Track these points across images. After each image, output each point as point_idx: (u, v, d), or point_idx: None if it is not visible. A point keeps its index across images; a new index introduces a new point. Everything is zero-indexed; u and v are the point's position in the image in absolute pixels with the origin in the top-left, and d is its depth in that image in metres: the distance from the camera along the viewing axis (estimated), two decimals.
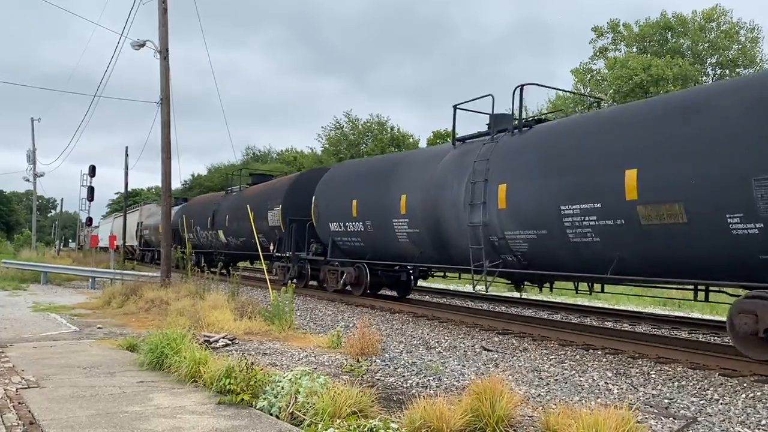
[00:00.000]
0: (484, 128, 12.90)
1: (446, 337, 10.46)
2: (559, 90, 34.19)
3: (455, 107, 13.22)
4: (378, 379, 6.99)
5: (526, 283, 12.42)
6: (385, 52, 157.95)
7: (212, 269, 14.89)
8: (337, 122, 53.68)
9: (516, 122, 11.68)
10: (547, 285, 12.30)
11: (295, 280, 18.59)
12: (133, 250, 43.00)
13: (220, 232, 24.80)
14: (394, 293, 17.46)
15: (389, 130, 51.42)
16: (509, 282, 12.64)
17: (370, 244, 15.03)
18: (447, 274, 16.35)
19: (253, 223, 20.20)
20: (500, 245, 11.02)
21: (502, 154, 11.20)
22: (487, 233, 11.11)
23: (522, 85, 11.57)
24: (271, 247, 19.92)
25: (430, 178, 12.78)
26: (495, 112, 12.38)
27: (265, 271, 17.13)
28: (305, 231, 18.05)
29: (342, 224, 15.85)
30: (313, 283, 19.02)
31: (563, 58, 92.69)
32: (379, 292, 17.22)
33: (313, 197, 17.28)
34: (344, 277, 16.16)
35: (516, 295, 19.96)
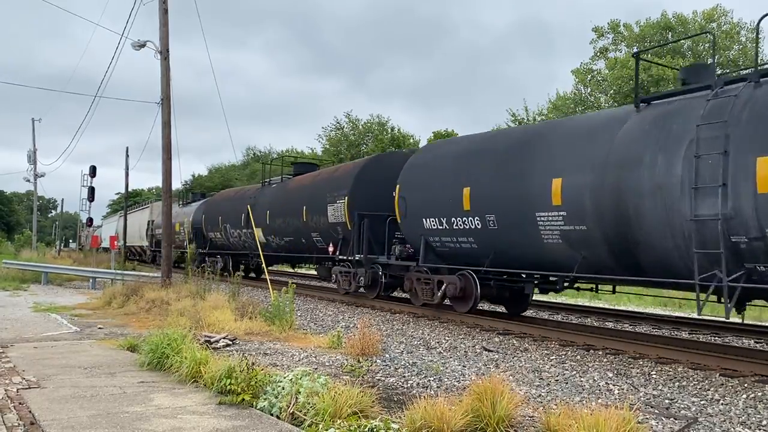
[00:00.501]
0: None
1: (447, 338, 10.46)
2: None
3: (637, 56, 10.53)
4: (379, 380, 7.00)
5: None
6: (385, 53, 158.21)
7: (236, 273, 13.29)
8: (338, 123, 53.78)
9: (757, 68, 8.36)
10: None
11: (362, 289, 15.88)
12: (141, 251, 40.89)
13: (258, 231, 20.84)
14: (497, 308, 14.56)
15: (390, 130, 51.49)
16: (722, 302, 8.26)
17: (491, 246, 11.61)
18: (601, 287, 11.89)
19: (306, 220, 17.66)
20: (749, 249, 7.63)
21: (756, 111, 7.73)
22: (727, 231, 7.69)
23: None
24: (331, 249, 16.92)
25: (606, 153, 9.41)
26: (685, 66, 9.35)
27: (266, 270, 17.08)
28: (383, 229, 14.89)
29: (444, 220, 12.46)
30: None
31: (563, 58, 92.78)
32: (480, 307, 13.68)
33: (397, 186, 13.94)
34: (444, 288, 12.61)
35: None
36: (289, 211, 19.05)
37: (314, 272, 25.03)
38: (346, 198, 15.89)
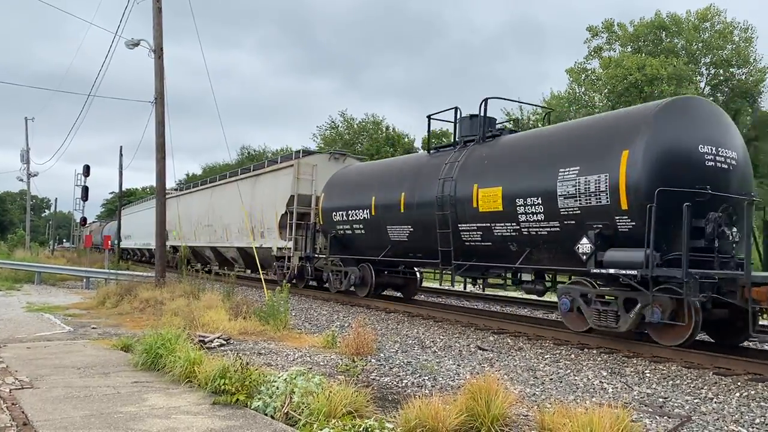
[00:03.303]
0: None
1: (441, 337, 10.47)
2: None
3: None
4: (373, 379, 6.99)
5: None
6: (378, 52, 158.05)
7: None
8: (332, 122, 53.76)
9: None
10: None
11: None
12: (271, 258, 19.41)
13: None
14: None
15: (384, 129, 51.50)
16: None
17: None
18: None
19: None
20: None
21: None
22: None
23: None
24: None
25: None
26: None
27: (261, 277, 16.92)
28: None
29: None
30: None
31: (555, 58, 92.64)
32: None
33: None
34: None
35: (512, 294, 19.88)
36: None
37: None
38: None
